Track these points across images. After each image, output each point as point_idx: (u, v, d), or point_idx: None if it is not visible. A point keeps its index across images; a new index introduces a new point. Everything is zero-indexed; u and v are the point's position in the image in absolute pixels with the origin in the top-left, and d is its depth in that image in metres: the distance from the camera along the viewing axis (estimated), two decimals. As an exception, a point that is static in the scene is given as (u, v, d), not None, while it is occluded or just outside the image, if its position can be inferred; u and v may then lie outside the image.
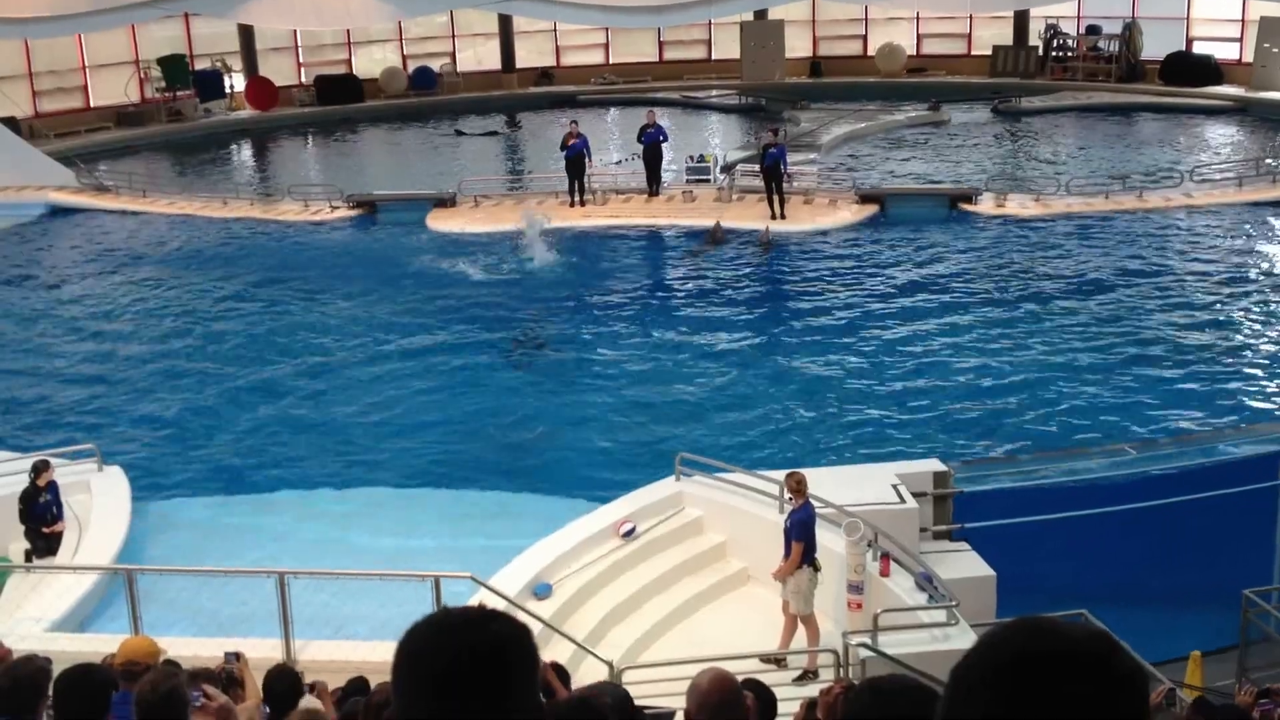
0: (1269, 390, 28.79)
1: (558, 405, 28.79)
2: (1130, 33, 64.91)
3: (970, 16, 68.52)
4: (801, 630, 18.98)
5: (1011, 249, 39.02)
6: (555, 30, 71.57)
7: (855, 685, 13.91)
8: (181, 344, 33.93)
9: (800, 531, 18.67)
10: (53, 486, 22.11)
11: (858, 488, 20.79)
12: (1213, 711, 13.09)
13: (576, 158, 43.95)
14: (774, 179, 41.56)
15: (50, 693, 8.88)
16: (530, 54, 72.25)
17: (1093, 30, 67.20)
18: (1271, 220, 41.55)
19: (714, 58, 72.38)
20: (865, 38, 71.62)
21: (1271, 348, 31.11)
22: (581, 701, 6.45)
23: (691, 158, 48.08)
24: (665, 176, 46.17)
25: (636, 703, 16.03)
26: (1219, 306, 33.68)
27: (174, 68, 63.66)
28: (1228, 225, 41.01)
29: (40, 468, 22.05)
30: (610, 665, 17.68)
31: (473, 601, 16.23)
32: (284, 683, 12.33)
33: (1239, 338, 31.66)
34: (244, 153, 63.09)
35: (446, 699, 3.17)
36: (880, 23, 71.53)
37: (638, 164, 45.94)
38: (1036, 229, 40.89)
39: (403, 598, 18.37)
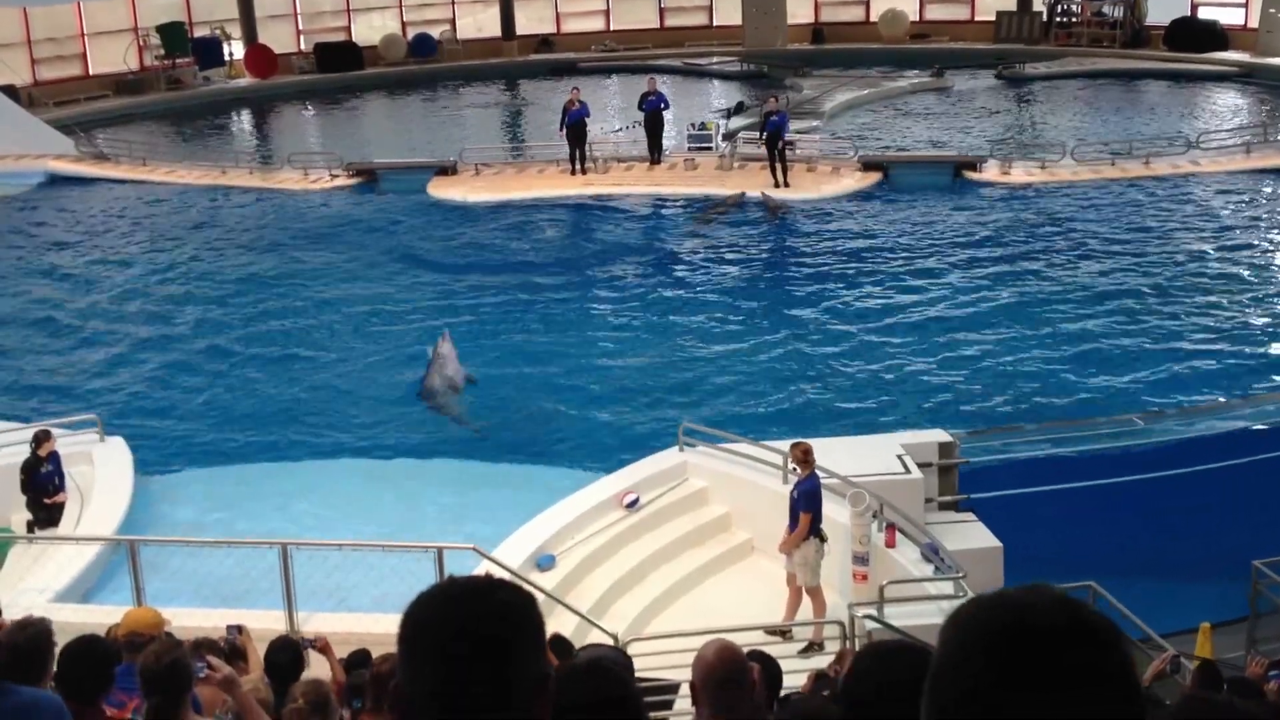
0: (1277, 359, 28.70)
1: (560, 375, 28.70)
2: (1135, -2, 64.87)
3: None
4: (807, 602, 18.91)
5: (1016, 217, 38.89)
6: (555, -3, 71.65)
7: (859, 648, 13.84)
8: (182, 314, 33.88)
9: (807, 502, 18.60)
10: (54, 457, 22.03)
11: (862, 458, 20.72)
12: (1217, 679, 13.03)
13: (578, 125, 43.74)
14: (775, 146, 41.39)
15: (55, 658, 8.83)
16: (530, 21, 72.22)
17: (1097, -4, 67.16)
18: (1278, 188, 41.40)
19: (715, 24, 72.44)
20: (868, 4, 71.54)
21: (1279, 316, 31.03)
22: (593, 662, 6.35)
23: (693, 125, 47.92)
24: (666, 144, 45.99)
25: (643, 674, 16.00)
26: (1227, 275, 33.57)
27: (173, 35, 63.62)
28: (1235, 192, 40.87)
29: (41, 438, 21.96)
30: (615, 637, 17.62)
31: (476, 573, 16.14)
32: (286, 654, 12.27)
33: (1248, 306, 31.53)
34: (243, 121, 63.10)
35: (453, 668, 3.16)
36: (882, -12, 71.50)
37: (639, 132, 45.79)
38: (1041, 196, 40.76)
39: (405, 569, 18.30)
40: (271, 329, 32.41)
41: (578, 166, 44.19)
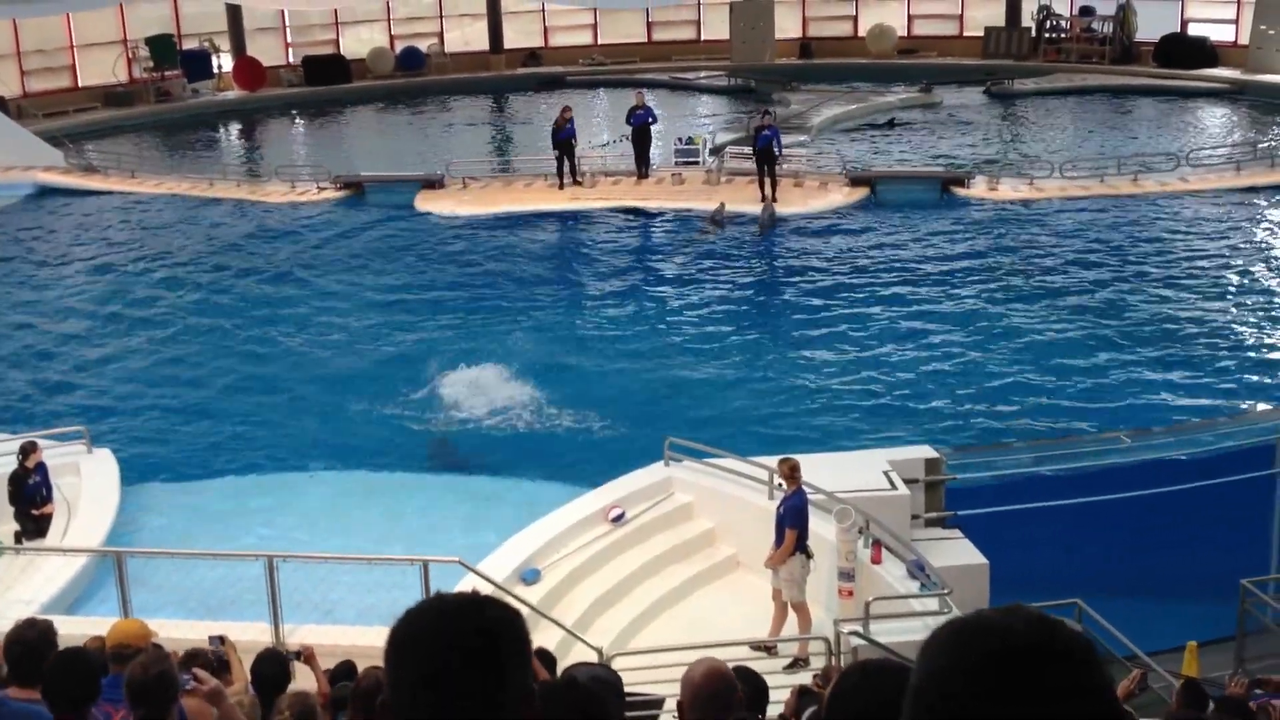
0: (1265, 378, 28.74)
1: (546, 389, 28.66)
2: (1124, 14, 64.88)
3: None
4: (792, 618, 18.93)
5: (1004, 233, 38.93)
6: (543, 11, 71.49)
7: (845, 667, 13.84)
8: (170, 325, 33.87)
9: (794, 518, 18.62)
10: (41, 468, 22.08)
11: (849, 474, 20.74)
12: (1202, 698, 13.04)
13: (567, 140, 43.85)
14: (766, 161, 41.42)
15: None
16: (518, 35, 72.15)
17: (1086, 11, 67.24)
18: (1269, 205, 41.47)
19: (703, 38, 72.34)
20: (856, 19, 71.53)
21: (1268, 335, 31.07)
22: (571, 680, 6.39)
23: (680, 139, 47.96)
24: (653, 158, 46.03)
25: (628, 689, 15.96)
26: (1216, 293, 33.61)
27: (162, 47, 63.55)
28: (1225, 210, 40.91)
29: (28, 449, 22.01)
30: (599, 651, 17.63)
31: (461, 586, 16.23)
32: (273, 667, 12.28)
33: (1236, 324, 31.56)
34: (231, 133, 63.05)
35: (440, 684, 3.18)
36: (871, 3, 71.58)
37: (626, 146, 45.86)
38: (1029, 213, 40.78)
39: (391, 582, 18.38)
40: (258, 341, 32.41)
41: (567, 180, 44.24)
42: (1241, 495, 22.14)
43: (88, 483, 23.17)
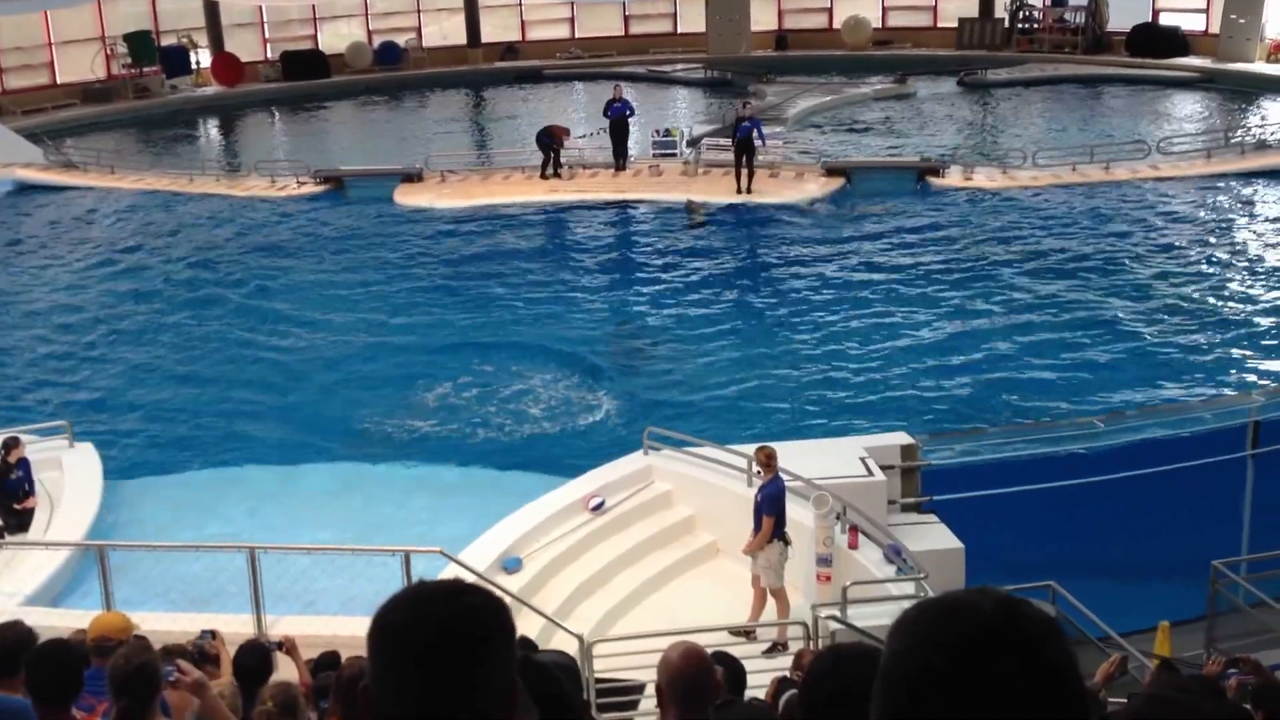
0: (1236, 362, 28.92)
1: (526, 380, 28.76)
2: (1096, 4, 65.08)
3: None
4: (771, 603, 19.04)
5: (978, 222, 39.07)
6: (520, 5, 71.52)
7: (819, 650, 13.95)
8: (151, 320, 33.86)
9: (771, 505, 18.71)
10: (24, 463, 22.12)
11: (826, 460, 20.80)
12: (1178, 675, 13.14)
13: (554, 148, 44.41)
14: (745, 152, 41.49)
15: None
16: (495, 29, 72.12)
17: (1059, 2, 67.37)
18: (1239, 192, 41.66)
19: (679, 31, 72.37)
20: (831, 11, 71.52)
21: (1238, 319, 31.21)
22: (527, 660, 6.47)
23: (657, 131, 48.01)
24: (631, 150, 46.09)
25: (608, 675, 16.14)
26: (1186, 279, 33.75)
27: (140, 44, 63.39)
28: (1195, 197, 41.08)
29: (10, 444, 22.06)
30: (580, 639, 17.71)
31: (443, 576, 16.30)
32: (254, 657, 12.32)
33: (1206, 310, 31.71)
34: (210, 129, 62.91)
35: (423, 671, 3.19)
36: (846, -5, 71.68)
37: (604, 138, 45.91)
38: (1003, 201, 40.95)
39: (373, 572, 18.39)
40: (238, 335, 32.41)
41: (549, 172, 44.42)
42: (1213, 478, 22.30)
43: (70, 477, 23.17)
